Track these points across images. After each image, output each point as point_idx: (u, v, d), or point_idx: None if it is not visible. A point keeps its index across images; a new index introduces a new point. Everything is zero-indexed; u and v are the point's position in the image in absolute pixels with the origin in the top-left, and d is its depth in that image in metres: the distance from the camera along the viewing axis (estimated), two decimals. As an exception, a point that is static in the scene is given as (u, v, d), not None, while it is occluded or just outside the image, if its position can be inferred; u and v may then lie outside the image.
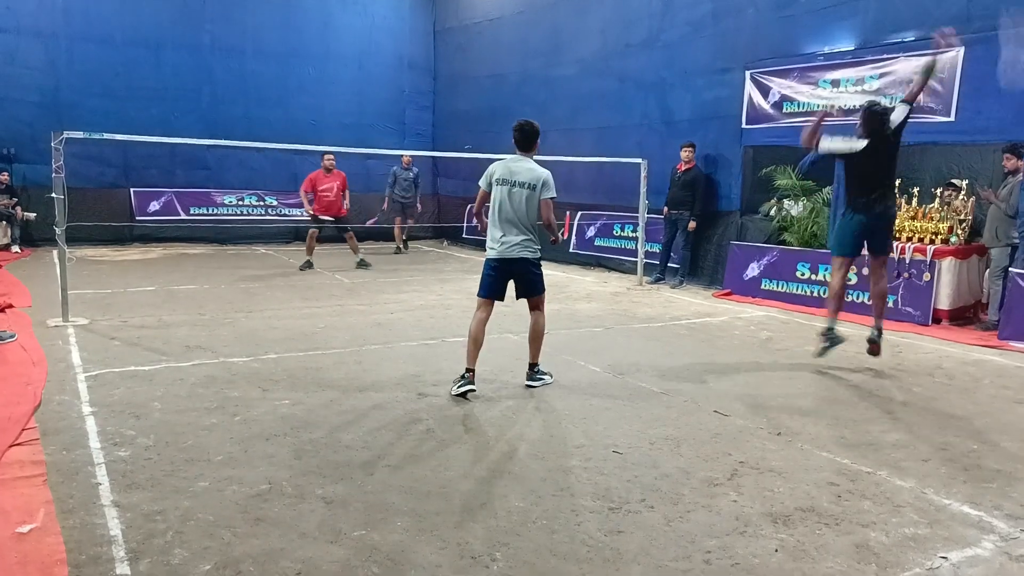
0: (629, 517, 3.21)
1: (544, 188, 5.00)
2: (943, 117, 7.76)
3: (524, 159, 5.12)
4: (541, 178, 5.00)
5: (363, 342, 6.43)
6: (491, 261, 5.10)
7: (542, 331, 5.23)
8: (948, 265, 7.77)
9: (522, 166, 5.06)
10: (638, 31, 11.54)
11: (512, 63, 14.25)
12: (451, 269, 11.89)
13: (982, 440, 4.33)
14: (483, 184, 5.14)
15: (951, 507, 3.41)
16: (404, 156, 13.40)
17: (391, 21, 16.08)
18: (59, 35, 13.09)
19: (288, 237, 14.89)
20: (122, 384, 4.97)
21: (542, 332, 5.23)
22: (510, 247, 5.02)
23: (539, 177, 5.00)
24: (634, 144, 11.16)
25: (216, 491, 3.37)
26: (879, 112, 5.69)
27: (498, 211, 5.04)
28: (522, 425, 4.43)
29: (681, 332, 7.28)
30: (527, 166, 5.07)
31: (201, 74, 14.27)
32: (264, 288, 9.24)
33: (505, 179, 5.03)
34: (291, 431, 4.17)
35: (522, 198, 4.99)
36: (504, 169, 5.07)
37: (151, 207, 13.76)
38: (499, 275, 5.11)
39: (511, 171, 5.04)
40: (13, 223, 12.07)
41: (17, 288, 8.43)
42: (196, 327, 6.83)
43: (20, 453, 3.71)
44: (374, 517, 3.16)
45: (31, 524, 2.97)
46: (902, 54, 8.12)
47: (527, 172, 5.02)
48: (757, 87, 9.62)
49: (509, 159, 5.14)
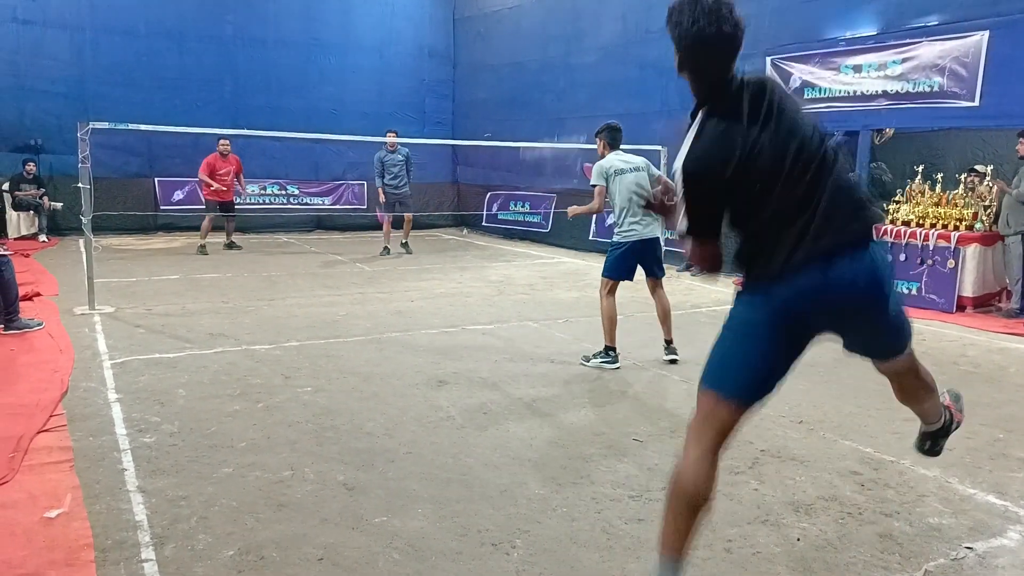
0: (649, 505, 3.20)
1: (650, 166, 5.65)
2: (967, 102, 7.63)
3: (620, 153, 5.63)
4: (645, 161, 5.65)
5: (384, 330, 6.47)
6: (628, 244, 5.48)
7: (670, 307, 5.70)
8: (972, 252, 7.65)
9: (626, 157, 5.62)
10: (658, 17, 11.20)
11: (532, 51, 14.18)
12: (471, 256, 11.90)
13: (1008, 429, 4.27)
14: (600, 181, 5.53)
15: (976, 497, 3.37)
16: (388, 138, 11.40)
17: (411, 10, 16.05)
18: (84, 27, 13.21)
19: (310, 226, 15.00)
20: (147, 371, 5.04)
21: (670, 308, 5.70)
22: (649, 226, 5.48)
23: (643, 160, 5.63)
24: (655, 131, 11.06)
25: (239, 477, 3.41)
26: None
27: (628, 198, 5.43)
28: (541, 412, 4.43)
29: (702, 320, 7.24)
30: (628, 156, 5.64)
31: (224, 64, 14.35)
32: (286, 276, 9.31)
33: (621, 169, 5.50)
34: (313, 418, 4.21)
35: (643, 179, 5.50)
36: (617, 162, 5.55)
37: (175, 196, 13.90)
38: (635, 256, 5.53)
39: (623, 161, 5.56)
40: (40, 213, 12.25)
41: (44, 277, 8.56)
42: (219, 315, 6.90)
43: (48, 439, 3.78)
44: (395, 504, 3.18)
45: (59, 509, 3.03)
46: (925, 38, 7.97)
47: (633, 159, 5.60)
48: (778, 73, 9.49)
49: (612, 156, 5.59)
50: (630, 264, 5.56)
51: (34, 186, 12.27)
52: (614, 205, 5.53)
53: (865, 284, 2.13)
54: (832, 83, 8.90)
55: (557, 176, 13.59)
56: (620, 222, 5.52)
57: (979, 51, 7.51)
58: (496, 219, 15.11)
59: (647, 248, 5.55)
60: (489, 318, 7.08)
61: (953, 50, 7.74)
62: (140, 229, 13.21)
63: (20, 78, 12.80)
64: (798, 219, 2.10)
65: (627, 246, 5.49)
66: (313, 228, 15.03)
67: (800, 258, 2.08)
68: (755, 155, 2.11)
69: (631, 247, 5.49)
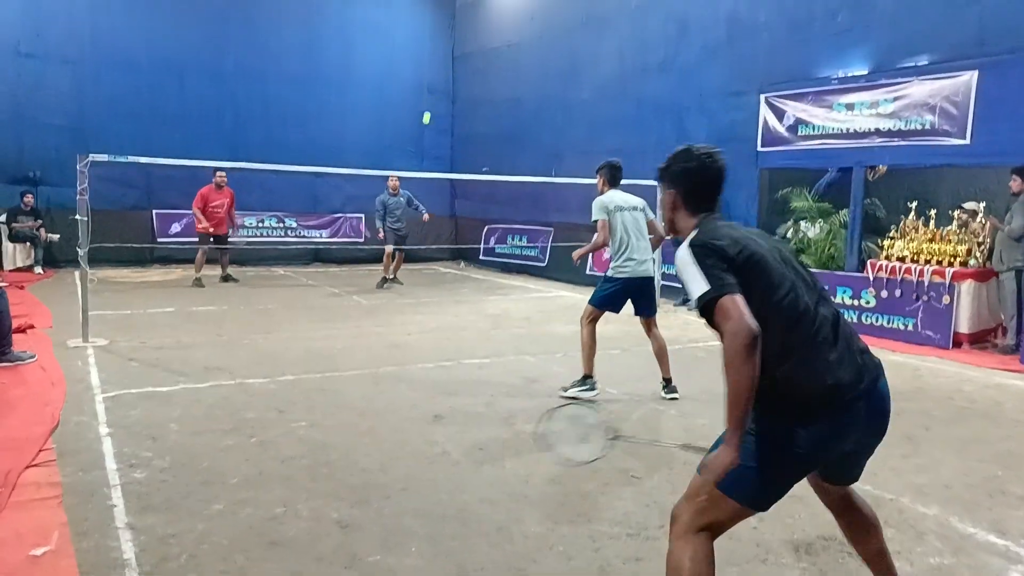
0: (648, 544, 3.16)
1: (647, 209, 5.72)
2: (958, 140, 7.74)
3: (620, 191, 5.74)
4: (643, 202, 5.73)
5: (380, 364, 6.43)
6: (621, 280, 5.53)
7: (666, 345, 5.69)
8: (967, 288, 7.68)
9: (625, 195, 5.72)
10: (654, 55, 11.59)
11: (530, 87, 14.36)
12: (468, 290, 11.90)
13: (1005, 465, 4.24)
14: (602, 215, 5.57)
15: (976, 536, 3.33)
16: (391, 180, 11.62)
17: (411, 46, 16.28)
18: (86, 61, 13.35)
19: (308, 259, 15.02)
20: (140, 405, 4.99)
21: (666, 346, 5.69)
22: (645, 265, 5.59)
23: (641, 201, 5.71)
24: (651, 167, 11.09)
25: (231, 514, 3.36)
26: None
27: (627, 234, 5.56)
28: (539, 449, 4.39)
29: (699, 355, 7.23)
30: (628, 195, 5.74)
31: (224, 98, 14.49)
32: (282, 309, 9.29)
33: (621, 207, 5.59)
34: (307, 453, 4.17)
35: (640, 220, 5.62)
36: (618, 198, 5.64)
37: (172, 229, 13.92)
38: (625, 292, 5.58)
39: (624, 200, 5.65)
40: (37, 245, 12.25)
41: (38, 309, 8.53)
42: (214, 348, 6.86)
43: (36, 474, 3.72)
44: (390, 541, 3.14)
45: (45, 547, 2.97)
46: (916, 78, 8.11)
47: (632, 199, 5.70)
48: (772, 110, 9.62)
49: (612, 192, 5.68)
50: (619, 299, 5.62)
51: (31, 218, 12.29)
52: (612, 241, 5.57)
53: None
54: (825, 120, 9.02)
55: (554, 210, 13.66)
56: (616, 258, 5.57)
57: (969, 90, 7.63)
58: (493, 253, 15.14)
59: (641, 287, 5.59)
60: (486, 352, 7.06)
61: (943, 89, 7.87)
62: (136, 261, 13.21)
63: (20, 110, 12.90)
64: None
65: (620, 283, 5.54)
66: (311, 261, 15.04)
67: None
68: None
69: (624, 284, 5.54)
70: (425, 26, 16.44)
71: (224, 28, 14.42)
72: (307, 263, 14.90)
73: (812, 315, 2.20)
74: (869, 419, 2.22)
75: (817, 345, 2.17)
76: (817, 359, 2.16)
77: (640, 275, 5.54)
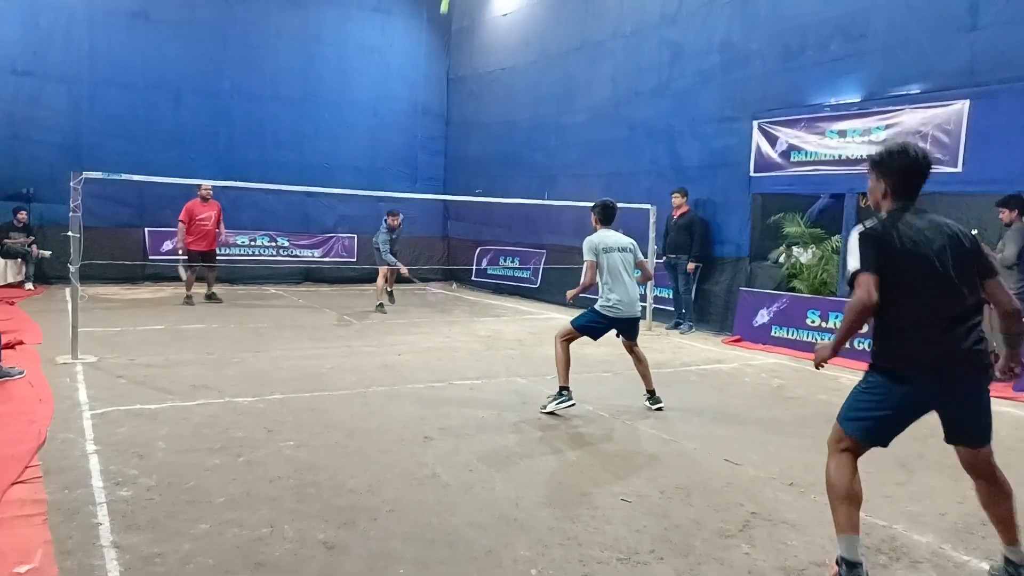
0: (639, 569, 3.13)
1: (637, 250, 5.91)
2: (950, 168, 7.80)
3: (611, 231, 5.89)
4: (633, 242, 5.91)
5: (370, 384, 6.40)
6: (609, 317, 5.69)
7: (647, 359, 5.92)
8: (961, 315, 7.68)
9: (616, 236, 5.86)
10: (648, 80, 11.70)
11: (524, 110, 14.46)
12: (459, 311, 11.88)
13: (1000, 494, 4.21)
14: (590, 256, 5.72)
15: (971, 564, 3.31)
16: (395, 218, 11.36)
17: (406, 69, 16.40)
18: (83, 79, 13.39)
19: (299, 278, 15.00)
20: (127, 423, 4.94)
21: (647, 360, 5.92)
22: (634, 306, 5.77)
23: (631, 242, 5.90)
24: (643, 190, 11.22)
25: (217, 534, 3.32)
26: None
27: (616, 274, 5.69)
28: (529, 471, 4.36)
29: (691, 379, 7.21)
30: (618, 235, 5.88)
31: (219, 118, 14.53)
32: (272, 328, 9.24)
33: (610, 247, 5.73)
34: (294, 473, 4.12)
35: (629, 260, 5.78)
36: (608, 239, 5.78)
37: (164, 247, 13.88)
38: (609, 327, 5.77)
39: (615, 240, 5.80)
40: (28, 261, 12.19)
41: (28, 325, 8.46)
42: (203, 367, 6.81)
43: (21, 492, 3.67)
44: (376, 565, 3.09)
45: (28, 565, 2.92)
46: (908, 106, 8.20)
47: (622, 239, 5.85)
48: (765, 136, 9.70)
49: (602, 232, 5.84)
50: (601, 332, 5.83)
51: (24, 234, 12.25)
52: (600, 280, 5.74)
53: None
54: (818, 147, 9.09)
55: (547, 232, 13.70)
56: (606, 296, 5.73)
57: (960, 119, 7.71)
58: (486, 274, 15.15)
59: (627, 324, 5.83)
60: (477, 373, 7.03)
61: (935, 117, 7.95)
62: (127, 279, 13.14)
63: (15, 128, 12.92)
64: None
65: (607, 320, 5.73)
66: (302, 280, 15.01)
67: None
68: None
69: (611, 321, 5.74)
70: (420, 49, 16.57)
71: (220, 48, 14.50)
72: (298, 282, 14.88)
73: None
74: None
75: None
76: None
77: (627, 316, 5.74)
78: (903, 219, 2.97)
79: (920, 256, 2.90)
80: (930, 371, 2.95)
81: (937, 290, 2.91)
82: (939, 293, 2.92)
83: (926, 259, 2.90)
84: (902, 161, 3.02)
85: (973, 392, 3.10)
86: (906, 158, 3.02)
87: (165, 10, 13.93)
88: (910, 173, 3.03)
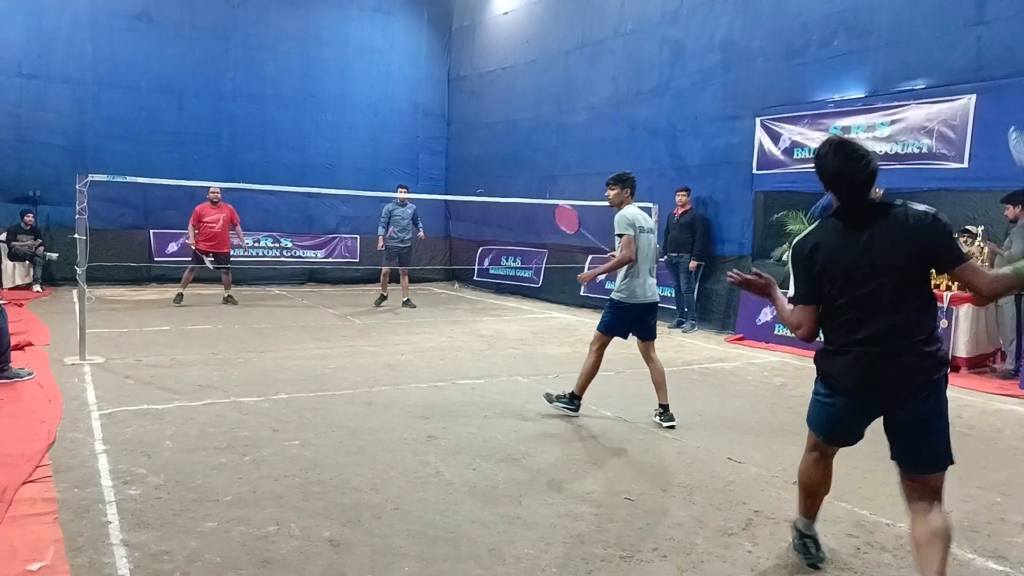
0: (641, 567, 3.15)
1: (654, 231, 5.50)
2: (956, 164, 7.77)
3: (638, 208, 5.41)
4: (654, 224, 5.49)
5: (373, 383, 6.43)
6: (631, 305, 5.33)
7: (664, 372, 5.48)
8: (965, 312, 7.69)
9: (645, 215, 5.42)
10: (649, 79, 11.71)
11: (525, 110, 14.48)
12: (462, 311, 11.91)
13: (1005, 492, 4.23)
14: (630, 231, 5.23)
15: (975, 562, 3.33)
16: (400, 192, 11.62)
17: (407, 70, 16.43)
18: (87, 81, 13.45)
19: (302, 279, 15.06)
20: (135, 422, 4.98)
21: (664, 372, 5.49)
22: (654, 289, 5.43)
23: (654, 223, 5.48)
24: (645, 189, 11.19)
25: (223, 532, 3.35)
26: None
27: (644, 258, 5.32)
28: (531, 469, 4.39)
29: (694, 377, 7.23)
30: (646, 215, 5.43)
31: (222, 119, 14.59)
32: (276, 329, 9.28)
33: (643, 227, 5.31)
34: (300, 472, 4.16)
35: (653, 241, 5.43)
36: (641, 217, 5.33)
37: (169, 248, 13.95)
38: (632, 317, 5.39)
39: (645, 220, 5.35)
40: (36, 263, 12.27)
41: (37, 326, 8.52)
42: (208, 367, 6.86)
43: (32, 490, 3.71)
44: (380, 562, 3.12)
45: (40, 562, 2.96)
46: (913, 101, 8.17)
47: (650, 219, 5.44)
48: (767, 133, 9.70)
49: (634, 209, 5.36)
50: (628, 325, 5.43)
51: (31, 237, 12.32)
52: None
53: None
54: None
55: (548, 232, 13.71)
56: (626, 280, 5.33)
57: (967, 114, 7.66)
58: (487, 274, 15.17)
59: (647, 311, 5.43)
60: (479, 373, 7.06)
61: (941, 113, 7.92)
62: (134, 280, 13.22)
63: (21, 130, 12.98)
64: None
65: (628, 308, 5.36)
66: (305, 281, 15.07)
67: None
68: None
69: (633, 308, 5.36)
70: (421, 49, 16.60)
71: (222, 50, 14.54)
72: (302, 283, 14.93)
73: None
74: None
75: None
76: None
77: (649, 300, 5.39)
78: (835, 225, 2.75)
79: (845, 270, 2.69)
80: (868, 390, 2.75)
81: (868, 304, 2.68)
82: (870, 307, 2.68)
83: (853, 272, 2.68)
84: (823, 164, 2.76)
85: (922, 411, 2.74)
86: (825, 161, 2.74)
87: (167, 12, 13.98)
88: (830, 175, 2.75)
